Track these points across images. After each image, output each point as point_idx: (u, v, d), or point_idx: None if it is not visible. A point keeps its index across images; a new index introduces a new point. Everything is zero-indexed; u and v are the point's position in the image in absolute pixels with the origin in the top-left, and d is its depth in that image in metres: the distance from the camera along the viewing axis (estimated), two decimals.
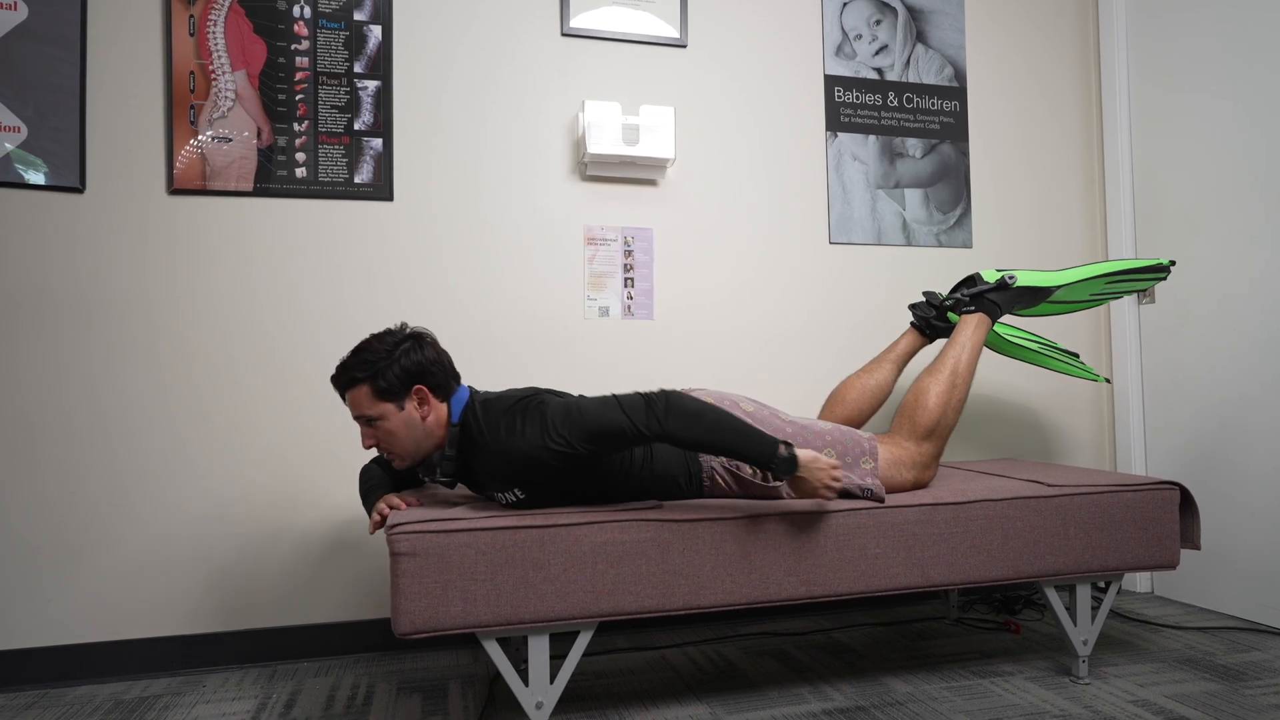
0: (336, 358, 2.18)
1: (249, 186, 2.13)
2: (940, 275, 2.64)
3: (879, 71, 2.61)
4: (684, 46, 2.45)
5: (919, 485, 1.86)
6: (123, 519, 2.04)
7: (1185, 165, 2.49)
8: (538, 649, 1.54)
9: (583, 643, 1.57)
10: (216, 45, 2.11)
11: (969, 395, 2.64)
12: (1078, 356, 2.29)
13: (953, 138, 2.66)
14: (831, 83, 2.57)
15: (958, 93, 2.67)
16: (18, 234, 2.00)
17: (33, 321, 2.01)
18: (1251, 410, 2.29)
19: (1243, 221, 2.31)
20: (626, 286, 2.38)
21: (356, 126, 2.20)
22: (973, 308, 2.08)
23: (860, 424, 2.14)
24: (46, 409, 2.01)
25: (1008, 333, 2.25)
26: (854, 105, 2.58)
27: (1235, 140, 2.33)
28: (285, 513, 2.14)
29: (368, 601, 2.18)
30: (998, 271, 2.10)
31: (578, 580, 1.53)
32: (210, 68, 2.11)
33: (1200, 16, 2.43)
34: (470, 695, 1.87)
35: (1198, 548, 1.90)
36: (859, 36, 2.60)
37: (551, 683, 1.56)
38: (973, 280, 2.13)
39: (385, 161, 2.22)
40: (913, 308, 2.22)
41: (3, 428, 1.98)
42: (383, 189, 2.22)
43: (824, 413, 2.15)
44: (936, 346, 2.57)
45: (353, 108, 2.20)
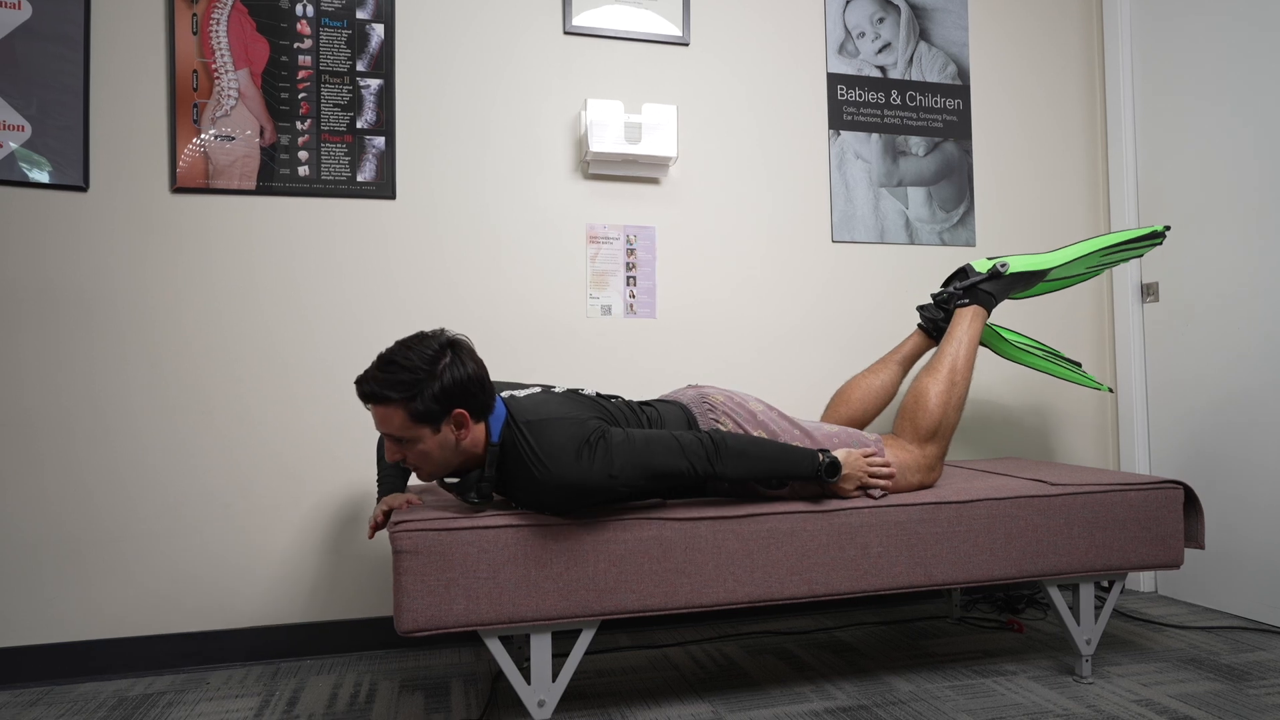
0: (338, 355, 2.18)
1: (251, 185, 2.13)
2: (943, 274, 2.64)
3: (882, 69, 2.60)
4: (686, 45, 2.44)
5: (925, 486, 1.85)
6: (125, 517, 2.05)
7: (1189, 164, 2.48)
8: (540, 647, 1.54)
9: (585, 641, 1.57)
10: (219, 44, 2.12)
11: (971, 394, 2.64)
12: (1080, 365, 2.28)
13: (956, 136, 2.66)
14: (834, 81, 2.56)
15: (961, 91, 2.67)
16: (21, 232, 2.01)
17: (35, 319, 2.01)
18: (1255, 408, 2.28)
19: (1247, 220, 2.30)
20: (629, 285, 2.37)
21: (359, 125, 2.20)
22: (966, 300, 2.05)
23: (865, 425, 2.13)
24: (48, 407, 2.01)
25: (1012, 338, 2.23)
26: (857, 103, 2.57)
27: (1240, 139, 2.32)
28: (287, 510, 2.14)
29: (370, 599, 2.19)
30: (989, 260, 2.07)
31: (580, 578, 1.53)
32: (213, 66, 2.11)
33: (1206, 12, 2.42)
34: (473, 693, 1.87)
35: (1202, 547, 1.89)
36: (862, 34, 2.59)
37: (554, 681, 1.56)
38: (965, 272, 2.09)
39: (387, 160, 2.22)
40: (921, 309, 2.20)
41: (4, 425, 1.99)
42: (385, 187, 2.22)
43: (828, 413, 2.14)
44: None
45: (355, 106, 2.20)
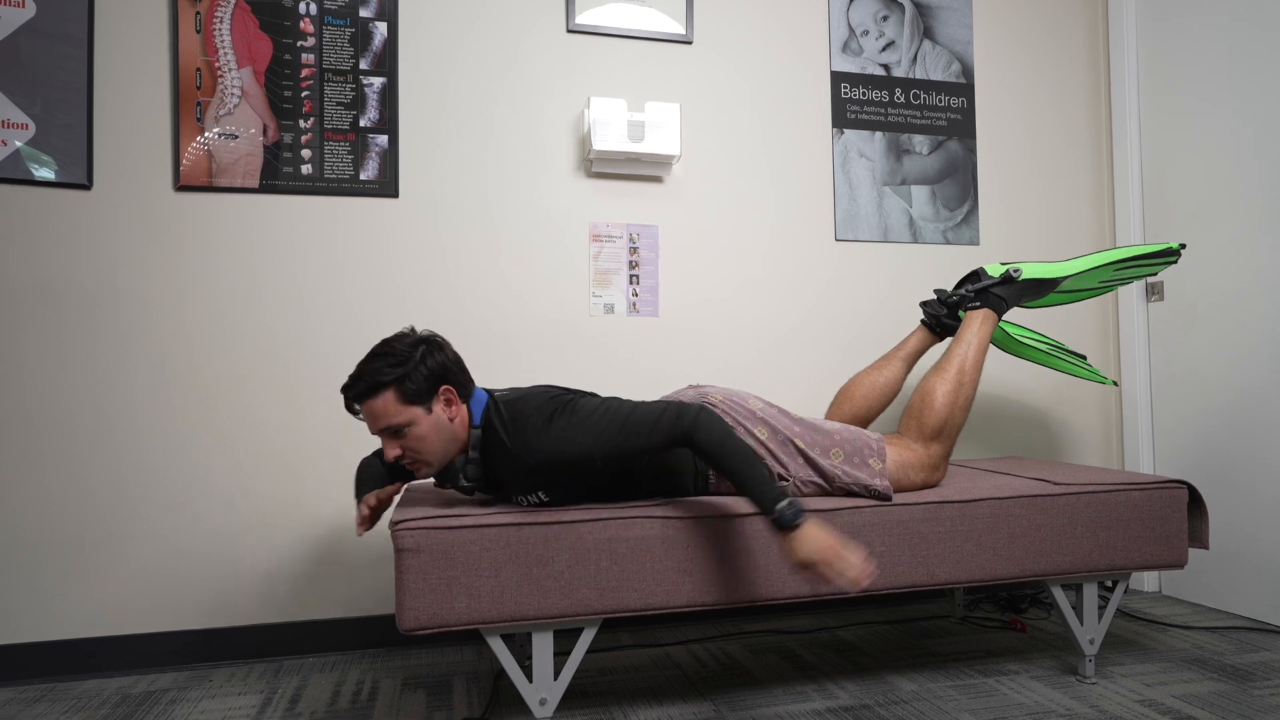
0: (340, 353, 2.18)
1: (255, 183, 2.13)
2: (947, 272, 2.63)
3: (886, 68, 2.60)
4: (690, 43, 2.44)
5: (928, 486, 1.85)
6: (127, 515, 2.05)
7: (1194, 162, 2.47)
8: (542, 645, 1.54)
9: (587, 639, 1.57)
10: (223, 42, 2.12)
11: (976, 393, 2.63)
12: (1085, 359, 2.27)
13: (960, 134, 2.65)
14: (838, 79, 2.56)
15: (965, 89, 2.66)
16: (25, 230, 2.01)
17: (38, 317, 2.02)
18: (1260, 408, 2.27)
19: (1252, 218, 2.29)
20: (631, 284, 2.37)
21: (362, 123, 2.20)
22: (978, 304, 2.05)
23: (869, 421, 2.12)
24: (51, 405, 2.02)
25: (1016, 332, 2.23)
26: (860, 101, 2.57)
27: (1245, 137, 2.31)
28: (290, 508, 2.14)
29: (373, 597, 2.19)
30: (1002, 265, 2.07)
31: (582, 577, 1.53)
32: (216, 64, 2.11)
33: (1210, 13, 2.41)
34: (475, 691, 1.87)
35: (1206, 547, 1.89)
36: (865, 32, 2.59)
37: (556, 679, 1.56)
38: (977, 275, 2.09)
39: (390, 158, 2.22)
40: (923, 305, 2.20)
41: (8, 424, 1.99)
42: (388, 185, 2.22)
43: (832, 409, 2.14)
44: (947, 344, 2.57)
45: (358, 104, 2.20)
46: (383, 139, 2.21)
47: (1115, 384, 2.36)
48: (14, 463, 1.99)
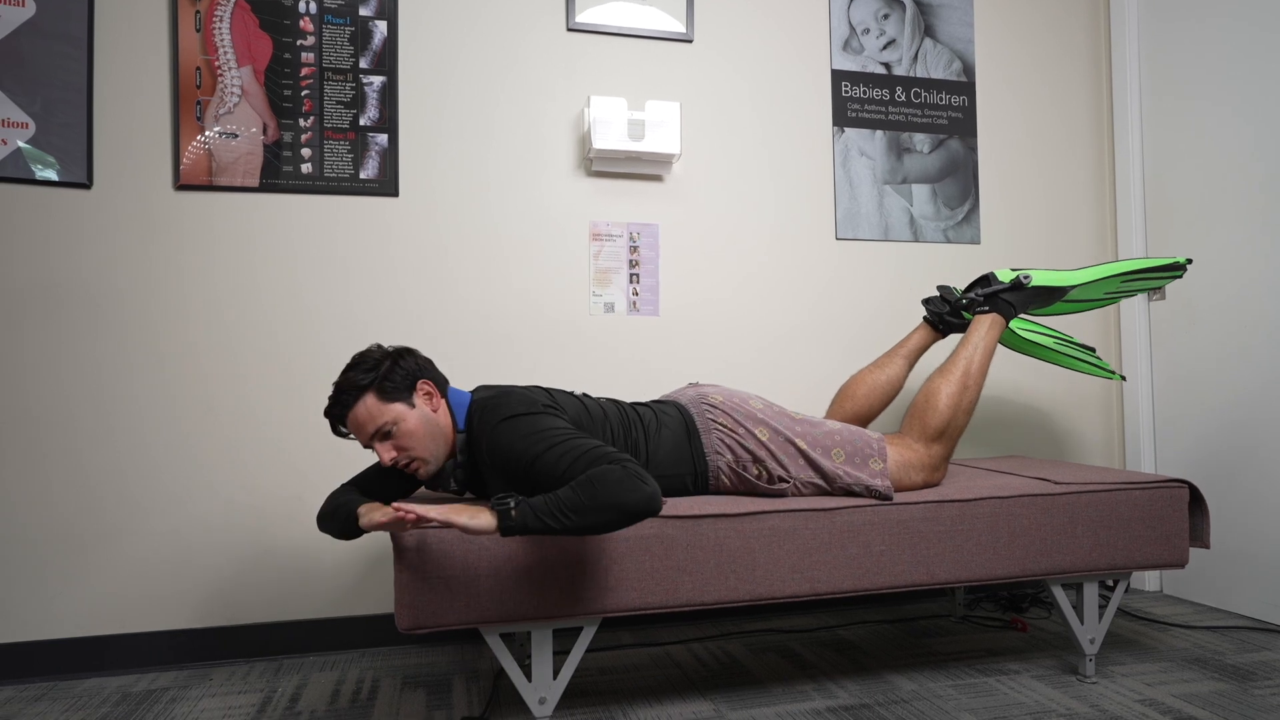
0: (341, 352, 2.18)
1: (255, 182, 2.13)
2: (948, 271, 2.63)
3: (886, 66, 2.59)
4: (690, 41, 2.44)
5: (929, 486, 1.85)
6: (128, 514, 2.05)
7: (1196, 162, 2.46)
8: (541, 644, 1.54)
9: (586, 638, 1.57)
10: (222, 41, 2.12)
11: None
12: (1094, 350, 2.27)
13: (961, 133, 2.64)
14: (838, 77, 2.55)
15: (966, 88, 2.65)
16: (25, 229, 2.01)
17: (39, 316, 2.02)
18: (1262, 408, 2.26)
19: (1254, 218, 2.29)
20: (632, 283, 2.37)
21: (362, 122, 2.20)
22: (986, 308, 2.05)
23: (870, 420, 2.12)
24: (52, 404, 2.02)
25: (1022, 328, 2.22)
26: (861, 100, 2.56)
27: (1247, 137, 2.31)
28: (290, 507, 2.14)
29: (373, 597, 2.19)
30: (1013, 271, 2.07)
31: (582, 576, 1.52)
32: (216, 63, 2.11)
33: (1211, 13, 2.40)
34: (474, 690, 1.87)
35: (1207, 546, 1.88)
36: (866, 31, 2.58)
37: (555, 678, 1.56)
38: (987, 280, 2.10)
39: (390, 157, 2.22)
40: (926, 302, 2.20)
41: (8, 422, 2.00)
42: (388, 184, 2.22)
43: (833, 408, 2.14)
44: (948, 341, 2.56)
45: (358, 103, 2.20)
46: (383, 138, 2.21)
47: (1123, 378, 2.35)
48: (15, 461, 2.00)
